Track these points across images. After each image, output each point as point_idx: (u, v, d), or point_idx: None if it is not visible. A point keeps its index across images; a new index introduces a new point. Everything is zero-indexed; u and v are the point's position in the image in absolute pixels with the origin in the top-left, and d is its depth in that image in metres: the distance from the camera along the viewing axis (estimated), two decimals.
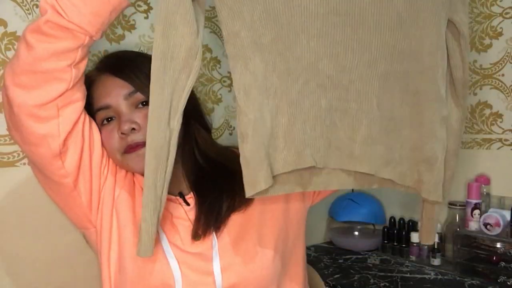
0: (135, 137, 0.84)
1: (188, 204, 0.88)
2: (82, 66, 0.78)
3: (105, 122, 0.87)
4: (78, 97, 0.79)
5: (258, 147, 0.71)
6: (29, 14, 0.98)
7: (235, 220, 0.87)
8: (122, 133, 0.84)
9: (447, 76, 0.78)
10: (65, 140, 0.77)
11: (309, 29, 0.71)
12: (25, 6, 0.97)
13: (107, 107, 0.86)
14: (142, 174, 0.90)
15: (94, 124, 0.86)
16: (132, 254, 0.82)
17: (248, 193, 0.72)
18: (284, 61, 0.72)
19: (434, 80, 0.75)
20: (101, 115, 0.87)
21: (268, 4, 0.70)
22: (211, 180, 0.89)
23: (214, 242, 0.83)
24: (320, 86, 0.73)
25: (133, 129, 0.84)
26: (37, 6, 0.98)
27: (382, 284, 1.23)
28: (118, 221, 0.86)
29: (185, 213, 0.87)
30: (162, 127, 0.70)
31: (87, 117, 0.83)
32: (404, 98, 0.76)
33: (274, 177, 0.74)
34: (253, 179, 0.71)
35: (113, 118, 0.86)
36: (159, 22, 0.69)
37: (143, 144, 0.83)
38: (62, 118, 0.76)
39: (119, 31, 1.12)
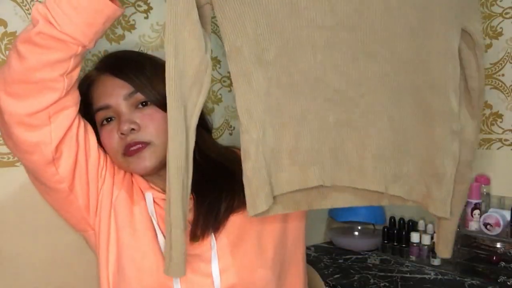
0: (135, 137, 0.82)
1: None
2: (75, 74, 0.76)
3: (104, 122, 0.85)
4: (71, 103, 0.77)
5: (261, 166, 0.69)
6: (29, 14, 0.97)
7: (234, 221, 0.85)
8: (121, 134, 0.82)
9: (461, 86, 0.74)
10: (58, 146, 0.76)
11: (315, 43, 0.67)
12: (25, 6, 0.97)
13: (106, 107, 0.84)
14: (143, 176, 0.88)
15: (90, 128, 0.83)
16: (129, 256, 0.81)
17: (251, 213, 0.69)
18: (289, 76, 0.69)
19: (445, 93, 0.71)
20: (101, 115, 0.85)
21: (272, 18, 0.66)
22: (211, 181, 0.87)
23: (213, 244, 0.82)
24: (328, 101, 0.70)
25: (133, 129, 0.82)
26: None
27: (382, 284, 1.22)
28: (116, 223, 0.84)
29: None
30: (182, 147, 0.68)
31: (82, 121, 0.81)
32: (414, 112, 0.72)
33: (278, 195, 0.71)
34: (255, 200, 0.69)
35: (113, 118, 0.85)
36: (169, 41, 0.66)
37: (143, 146, 0.82)
38: (54, 125, 0.74)
39: (119, 31, 1.12)
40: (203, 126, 0.94)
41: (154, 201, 0.87)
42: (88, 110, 0.86)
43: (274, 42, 0.68)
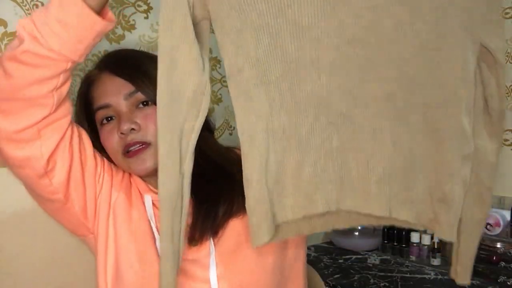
0: (135, 137, 0.81)
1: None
2: (65, 89, 0.73)
3: (104, 121, 0.84)
4: (62, 115, 0.74)
5: (263, 195, 0.65)
6: (29, 14, 0.97)
7: (234, 227, 0.83)
8: (121, 133, 0.81)
9: (479, 105, 0.70)
10: (50, 159, 0.74)
11: (321, 63, 0.64)
12: (25, 6, 0.97)
13: (106, 107, 0.83)
14: (142, 177, 0.87)
15: (84, 135, 0.82)
16: (128, 261, 0.80)
17: (254, 245, 0.67)
18: (293, 98, 0.65)
19: (458, 114, 0.67)
20: (101, 114, 0.84)
21: (275, 37, 0.63)
22: (211, 181, 0.85)
23: (211, 249, 0.80)
24: (332, 123, 0.66)
25: (133, 129, 0.81)
26: (37, 6, 0.97)
27: (382, 284, 1.22)
28: (115, 227, 0.83)
29: None
30: (174, 175, 0.64)
31: (76, 129, 0.79)
32: (424, 134, 0.68)
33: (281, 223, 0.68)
34: (257, 230, 0.66)
35: (113, 118, 0.84)
36: (162, 60, 0.61)
37: (144, 147, 0.81)
38: (44, 138, 0.72)
39: (119, 31, 1.12)
40: (205, 126, 0.91)
41: (153, 204, 0.85)
42: (88, 110, 0.86)
43: (276, 62, 0.64)
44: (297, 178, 0.68)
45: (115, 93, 0.83)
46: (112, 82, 0.84)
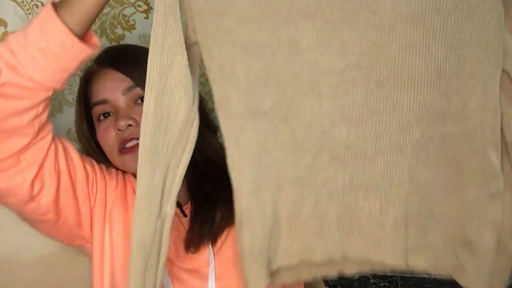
0: (132, 132, 0.77)
1: (185, 215, 0.81)
2: (46, 114, 0.67)
3: (101, 117, 0.80)
4: (43, 136, 0.69)
5: (255, 239, 0.59)
6: (29, 14, 0.96)
7: (234, 235, 0.76)
8: (118, 129, 0.77)
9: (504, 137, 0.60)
10: (33, 182, 0.69)
11: (321, 89, 0.55)
12: (25, 6, 0.96)
13: (104, 102, 0.79)
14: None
15: (70, 146, 0.76)
16: (124, 269, 0.76)
17: None
18: (289, 129, 0.57)
19: (482, 146, 0.58)
20: (98, 110, 0.80)
21: (269, 60, 0.55)
22: (211, 183, 0.81)
23: (210, 259, 0.77)
24: (337, 158, 0.58)
25: (130, 125, 0.77)
26: (37, 6, 0.97)
27: (382, 284, 1.22)
28: (111, 236, 0.79)
29: (181, 224, 0.80)
30: (152, 217, 0.57)
31: (59, 143, 0.73)
32: (444, 169, 0.59)
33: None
34: (249, 277, 0.60)
35: (110, 114, 0.79)
36: (151, 88, 0.55)
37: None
38: (25, 163, 0.67)
39: (119, 31, 1.11)
40: (207, 126, 0.88)
41: None
42: (85, 105, 0.82)
43: (270, 89, 0.56)
44: (294, 221, 0.60)
45: (113, 87, 0.79)
46: (110, 76, 0.80)
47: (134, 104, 0.79)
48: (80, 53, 0.63)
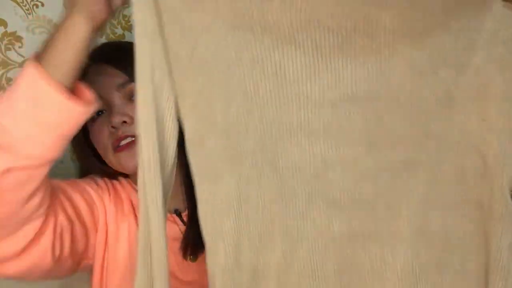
0: (126, 130, 0.74)
1: (185, 223, 0.78)
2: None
3: (95, 116, 0.75)
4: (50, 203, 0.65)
5: None
6: (29, 14, 0.97)
7: None
8: (112, 127, 0.74)
9: None
10: (53, 247, 0.66)
11: (311, 126, 0.48)
12: (25, 6, 0.96)
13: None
14: (133, 175, 0.79)
15: (65, 187, 0.72)
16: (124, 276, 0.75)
17: None
18: (275, 174, 0.49)
19: (501, 185, 0.50)
20: None
21: (250, 95, 0.47)
22: None
23: None
24: (332, 204, 0.50)
25: (124, 122, 0.73)
26: (37, 6, 0.98)
27: None
28: (111, 257, 0.77)
29: (180, 233, 0.77)
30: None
31: (60, 193, 0.69)
32: (459, 214, 0.52)
33: None
34: None
35: (104, 112, 0.76)
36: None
37: (135, 140, 0.69)
38: (43, 238, 0.64)
39: (119, 31, 1.11)
40: None
41: None
42: None
43: (252, 128, 0.48)
44: (284, 277, 0.52)
45: (107, 83, 0.75)
46: (104, 72, 0.76)
47: (128, 100, 0.76)
48: (79, 118, 0.59)
